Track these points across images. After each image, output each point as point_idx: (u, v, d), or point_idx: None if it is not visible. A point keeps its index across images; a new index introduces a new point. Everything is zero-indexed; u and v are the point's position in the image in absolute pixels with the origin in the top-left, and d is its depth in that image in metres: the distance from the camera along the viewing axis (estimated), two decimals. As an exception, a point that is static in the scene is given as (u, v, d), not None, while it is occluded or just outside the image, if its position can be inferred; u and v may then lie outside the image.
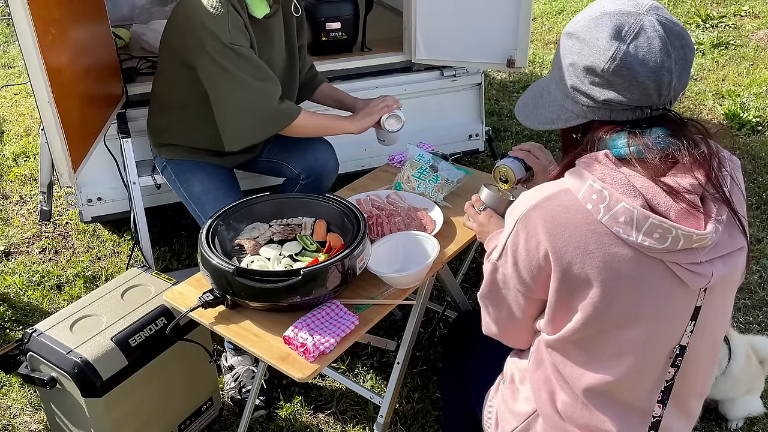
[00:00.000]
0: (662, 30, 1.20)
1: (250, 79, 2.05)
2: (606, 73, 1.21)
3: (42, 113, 1.91)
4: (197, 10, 2.02)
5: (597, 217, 1.19)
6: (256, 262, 1.74)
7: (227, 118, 2.10)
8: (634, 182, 1.20)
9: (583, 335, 1.27)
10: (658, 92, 1.22)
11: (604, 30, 1.21)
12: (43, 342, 1.88)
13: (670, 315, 1.26)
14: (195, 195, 2.29)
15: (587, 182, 1.21)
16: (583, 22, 1.25)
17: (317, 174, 2.39)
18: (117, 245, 3.14)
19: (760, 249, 3.01)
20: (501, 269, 1.35)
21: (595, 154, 1.25)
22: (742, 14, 5.82)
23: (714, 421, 2.24)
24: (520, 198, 1.31)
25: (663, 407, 1.33)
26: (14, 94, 4.74)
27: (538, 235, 1.24)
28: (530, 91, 1.44)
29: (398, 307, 2.42)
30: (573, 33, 1.27)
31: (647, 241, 1.17)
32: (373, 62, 3.02)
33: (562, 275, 1.24)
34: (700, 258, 1.21)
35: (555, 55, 1.34)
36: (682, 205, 1.19)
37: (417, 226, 1.92)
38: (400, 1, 3.03)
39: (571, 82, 1.28)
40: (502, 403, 1.50)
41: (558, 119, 1.33)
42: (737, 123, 4.09)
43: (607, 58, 1.20)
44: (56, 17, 1.98)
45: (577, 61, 1.25)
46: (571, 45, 1.27)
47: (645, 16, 1.21)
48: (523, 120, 1.43)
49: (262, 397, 2.27)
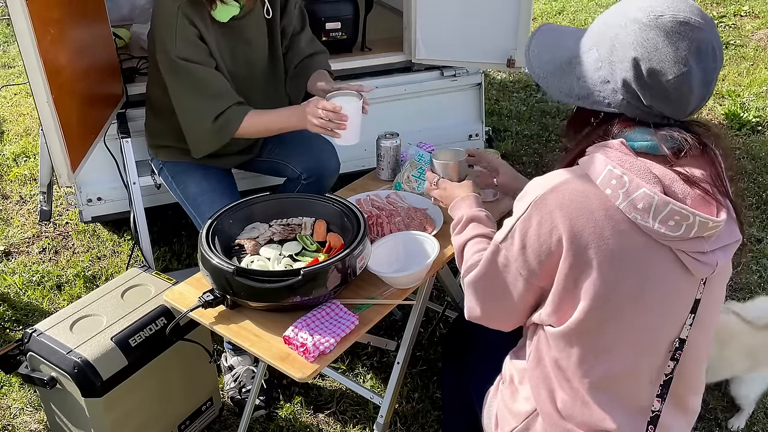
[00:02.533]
0: (720, 56, 1.21)
1: (189, 96, 2.08)
2: (668, 84, 1.19)
3: (41, 113, 1.91)
4: (156, 19, 2.08)
5: (615, 203, 1.19)
6: (256, 262, 1.74)
7: (183, 128, 2.16)
8: (653, 170, 1.20)
9: (587, 326, 1.27)
10: (692, 111, 1.24)
11: (686, 41, 1.17)
12: (43, 342, 1.88)
13: (672, 304, 1.27)
14: (191, 196, 2.29)
15: (607, 167, 1.20)
16: (666, 22, 1.18)
17: (319, 174, 2.38)
18: (117, 245, 3.14)
19: (760, 249, 3.01)
20: (504, 252, 1.32)
21: (609, 141, 1.24)
22: (742, 14, 5.82)
23: (714, 421, 2.24)
24: (533, 184, 1.28)
25: (662, 402, 1.34)
26: (14, 94, 4.74)
27: (553, 219, 1.22)
28: (550, 48, 1.35)
29: (398, 307, 2.42)
30: (652, 27, 1.19)
31: (663, 228, 1.18)
32: (373, 62, 3.02)
33: (573, 259, 1.23)
34: (706, 247, 1.22)
35: (608, 30, 1.25)
36: (698, 192, 1.20)
37: (417, 226, 1.92)
38: (400, 1, 3.03)
39: (626, 75, 1.21)
40: (502, 404, 1.50)
41: (586, 98, 1.28)
42: (737, 123, 4.09)
43: (679, 71, 1.18)
44: (56, 18, 1.98)
45: (645, 58, 1.19)
46: (645, 39, 1.19)
47: (713, 36, 1.20)
48: (541, 79, 1.35)
49: (262, 397, 2.27)
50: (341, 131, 1.95)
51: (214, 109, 2.08)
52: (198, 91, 2.07)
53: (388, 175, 2.24)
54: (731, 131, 4.04)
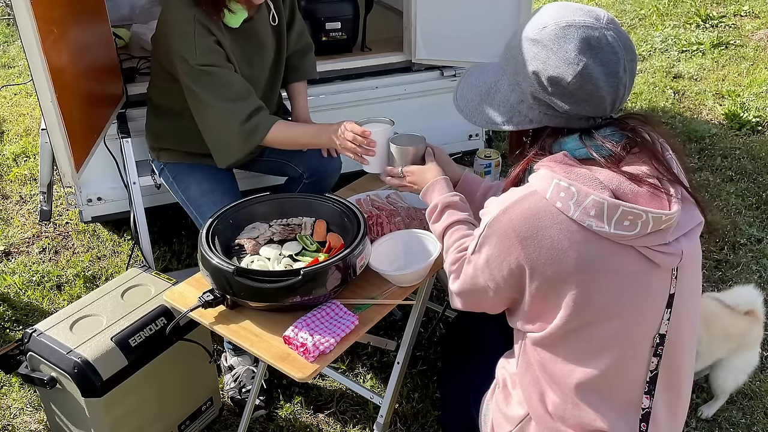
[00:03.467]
0: (621, 45, 1.24)
1: (217, 100, 2.05)
2: (571, 86, 1.23)
3: (45, 113, 1.91)
4: (167, 28, 2.06)
5: (568, 215, 1.21)
6: (256, 262, 1.74)
7: (207, 138, 2.13)
8: (598, 176, 1.23)
9: (568, 329, 1.29)
10: (612, 105, 1.28)
11: (572, 42, 1.22)
12: (43, 342, 1.88)
13: (648, 301, 1.29)
14: (192, 197, 2.28)
15: (553, 181, 1.23)
16: (549, 31, 1.25)
17: (321, 173, 2.38)
18: (117, 245, 3.14)
19: (760, 249, 3.01)
20: (474, 263, 1.37)
21: (553, 156, 1.28)
22: (742, 14, 5.82)
23: (714, 421, 2.24)
24: (490, 203, 1.33)
25: (651, 398, 1.35)
26: (14, 94, 4.74)
27: (509, 240, 1.26)
28: (472, 87, 1.44)
29: (398, 307, 2.42)
30: (539, 40, 1.26)
31: (619, 230, 1.20)
32: (373, 62, 3.02)
33: (538, 279, 1.26)
34: (668, 238, 1.24)
35: (510, 55, 1.34)
36: (646, 188, 1.23)
37: (417, 225, 1.92)
38: (400, 1, 3.02)
39: (532, 90, 1.29)
40: (496, 408, 1.51)
41: (509, 121, 1.35)
42: (737, 123, 4.09)
43: (575, 71, 1.22)
44: (58, 17, 1.98)
45: (541, 70, 1.25)
46: (536, 52, 1.26)
47: (606, 30, 1.23)
48: (468, 116, 1.43)
49: (262, 397, 2.27)
50: (369, 157, 1.93)
51: (242, 110, 2.06)
52: (224, 95, 2.05)
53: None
54: (731, 131, 4.04)
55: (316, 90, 2.90)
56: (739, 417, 2.25)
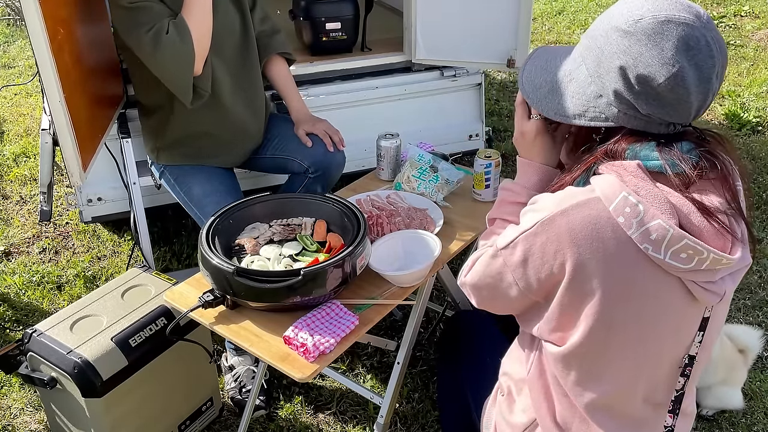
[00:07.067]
0: (718, 49, 1.13)
1: (145, 28, 2.01)
2: (661, 87, 1.12)
3: (53, 113, 1.91)
4: None
5: (627, 232, 1.13)
6: (256, 262, 1.74)
7: (167, 80, 2.10)
8: (670, 198, 1.13)
9: (587, 349, 1.23)
10: (697, 112, 1.17)
11: (670, 40, 1.10)
12: (43, 342, 1.88)
13: (676, 329, 1.24)
14: (195, 198, 2.28)
15: (621, 194, 1.13)
16: (645, 24, 1.12)
17: (326, 167, 2.36)
18: (117, 245, 3.14)
19: (760, 249, 3.01)
20: (503, 259, 1.27)
21: (624, 163, 1.16)
22: (742, 14, 5.82)
23: (715, 421, 2.24)
24: (544, 200, 1.22)
25: (674, 417, 1.31)
26: (14, 94, 4.75)
27: (560, 243, 1.16)
28: (542, 71, 1.31)
29: (398, 307, 2.42)
30: (632, 33, 1.13)
31: (674, 261, 1.13)
32: (373, 62, 3.02)
33: (575, 287, 1.18)
34: (717, 277, 1.18)
35: (593, 43, 1.20)
36: (714, 225, 1.14)
37: (417, 226, 1.92)
38: (400, 1, 3.03)
39: (616, 86, 1.16)
40: (500, 415, 1.49)
41: (582, 115, 1.22)
42: (737, 123, 4.09)
43: (669, 72, 1.11)
44: (64, 17, 1.98)
45: (631, 65, 1.13)
46: (627, 46, 1.13)
47: (706, 31, 1.11)
48: (533, 102, 1.31)
49: (262, 397, 2.27)
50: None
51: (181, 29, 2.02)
52: (153, 22, 2.02)
53: (388, 175, 2.24)
54: (731, 131, 4.04)
55: (316, 90, 2.91)
56: (739, 417, 2.25)
